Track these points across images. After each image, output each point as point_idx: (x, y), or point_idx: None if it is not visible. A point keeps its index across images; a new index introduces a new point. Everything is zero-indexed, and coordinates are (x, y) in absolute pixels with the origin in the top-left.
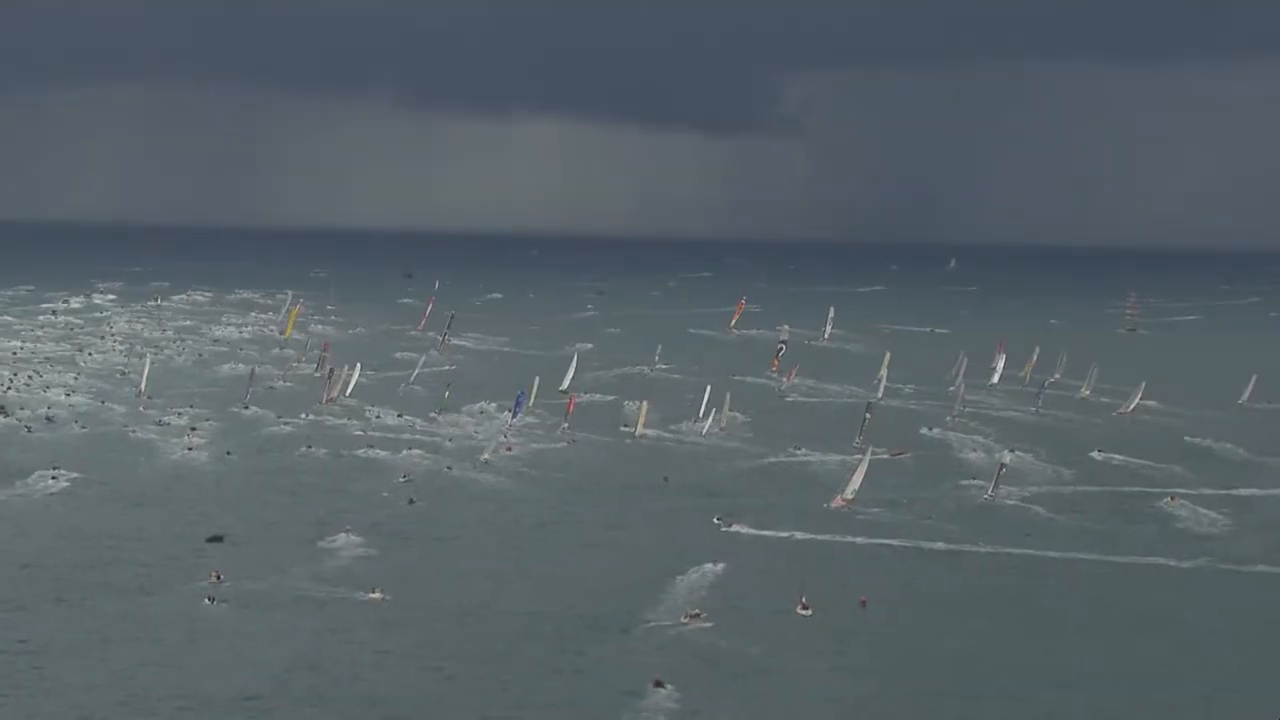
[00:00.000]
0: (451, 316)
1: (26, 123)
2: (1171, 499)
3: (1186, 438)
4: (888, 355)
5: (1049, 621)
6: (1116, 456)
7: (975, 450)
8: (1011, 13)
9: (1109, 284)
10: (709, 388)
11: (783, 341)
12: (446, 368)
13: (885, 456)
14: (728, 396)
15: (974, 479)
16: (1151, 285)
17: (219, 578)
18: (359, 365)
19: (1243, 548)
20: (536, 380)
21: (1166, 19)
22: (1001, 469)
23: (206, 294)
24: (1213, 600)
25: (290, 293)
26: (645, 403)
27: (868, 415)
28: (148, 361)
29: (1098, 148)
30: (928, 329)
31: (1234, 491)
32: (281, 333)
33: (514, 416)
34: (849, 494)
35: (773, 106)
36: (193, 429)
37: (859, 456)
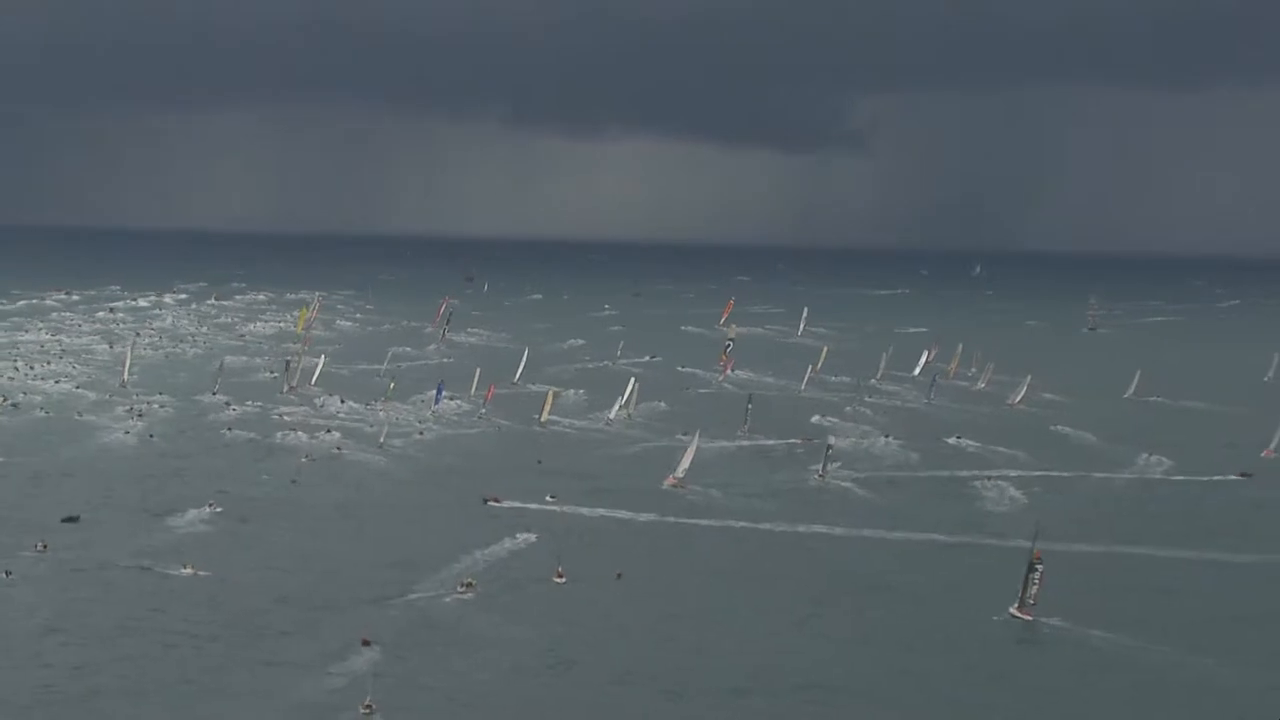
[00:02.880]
0: (450, 314)
1: (166, 141)
2: (985, 480)
3: (1051, 426)
4: (825, 350)
5: (774, 589)
6: (970, 443)
7: (849, 436)
8: (1058, 41)
9: (1109, 288)
10: (633, 380)
11: (730, 340)
12: (437, 361)
13: (799, 443)
14: (635, 387)
15: (821, 462)
16: (1151, 290)
17: (44, 548)
18: (322, 357)
19: (1016, 524)
20: (478, 371)
21: (1200, 46)
22: (829, 450)
23: (268, 294)
24: (940, 571)
25: (317, 294)
26: (552, 392)
27: (750, 405)
28: (129, 353)
29: (1137, 164)
30: (909, 328)
31: (1053, 473)
32: (295, 329)
33: (435, 404)
34: (679, 474)
35: (840, 125)
36: (139, 414)
37: (743, 442)
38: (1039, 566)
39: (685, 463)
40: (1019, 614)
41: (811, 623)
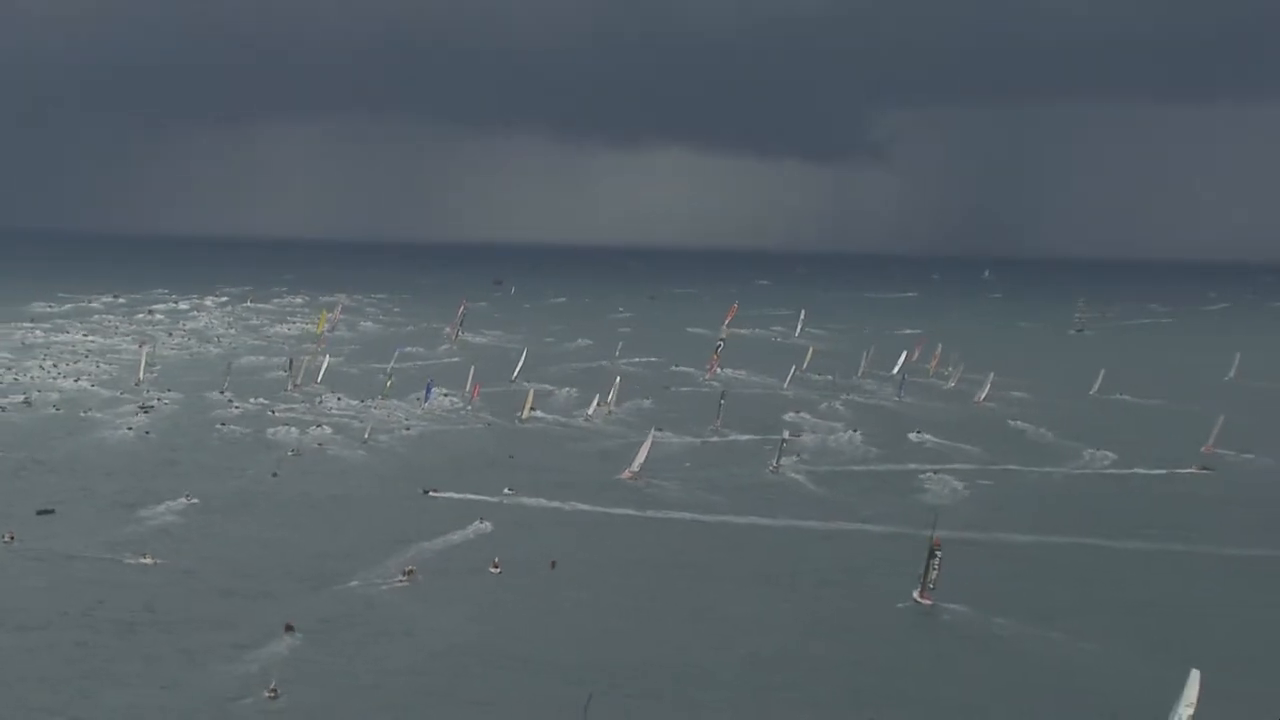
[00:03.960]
0: (463, 315)
1: (232, 152)
2: (931, 474)
3: (1010, 422)
4: (810, 350)
5: (699, 578)
6: (929, 438)
7: (817, 432)
8: (1066, 59)
9: (1111, 291)
10: (618, 378)
11: (721, 340)
12: (445, 360)
13: (765, 439)
14: (619, 384)
15: (775, 456)
16: (1147, 293)
17: (10, 539)
18: (327, 356)
19: (949, 516)
20: (472, 370)
21: (1202, 62)
22: (783, 444)
23: (305, 297)
24: (862, 559)
25: (341, 296)
26: (532, 390)
27: (722, 402)
28: (145, 353)
29: (1143, 173)
30: (905, 330)
31: (999, 467)
32: (315, 328)
33: (425, 401)
34: (635, 468)
35: (865, 138)
36: (146, 411)
37: (713, 438)
38: (938, 554)
39: (641, 457)
40: (920, 599)
41: (725, 610)
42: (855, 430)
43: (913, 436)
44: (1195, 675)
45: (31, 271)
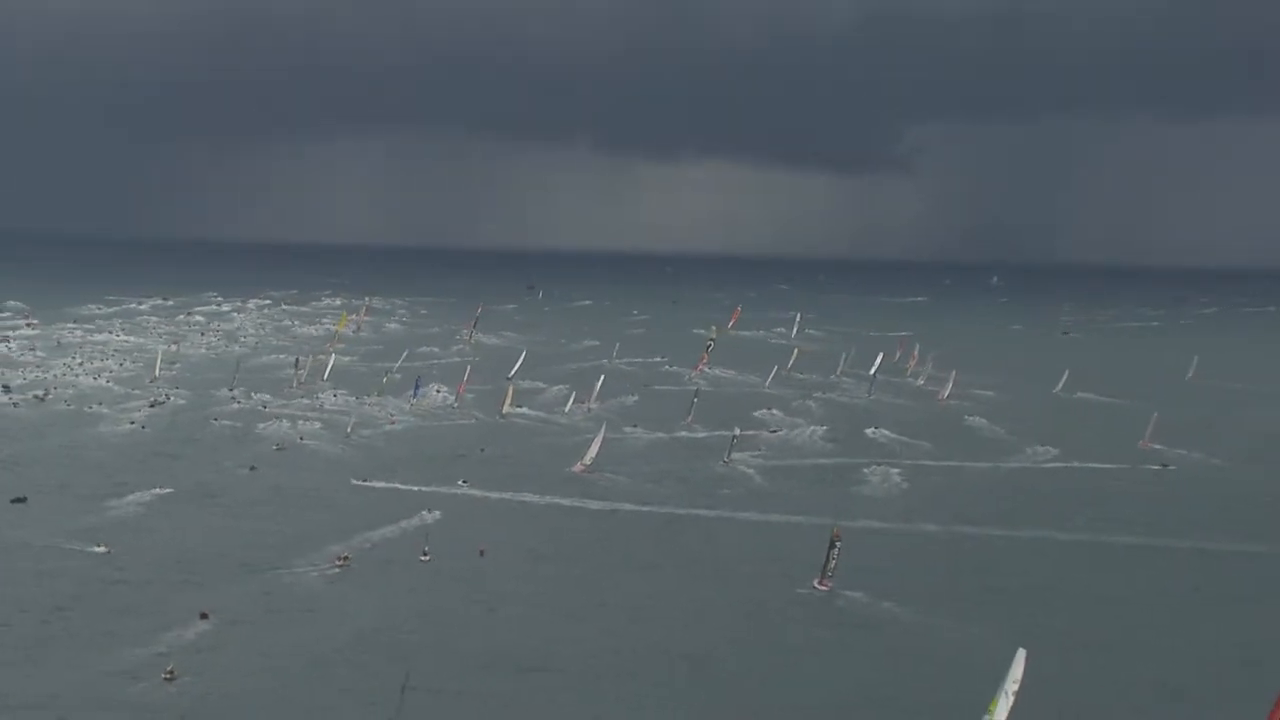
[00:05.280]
0: (477, 316)
1: (295, 166)
2: (876, 467)
3: (966, 418)
4: (795, 351)
5: (622, 567)
6: (886, 433)
7: (783, 428)
8: (1080, 77)
9: (1108, 295)
10: (602, 376)
11: (711, 340)
12: (453, 360)
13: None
14: (600, 381)
15: (732, 451)
16: (1142, 298)
17: None
18: (333, 356)
19: (878, 507)
20: (468, 369)
21: (1206, 82)
22: (734, 440)
23: (343, 299)
24: (782, 549)
25: (367, 298)
26: (511, 387)
27: (695, 399)
28: (159, 350)
29: (1149, 185)
30: (901, 331)
31: (944, 462)
32: (336, 328)
33: (414, 398)
34: (587, 461)
35: (890, 151)
36: (153, 405)
37: (681, 434)
38: (838, 544)
39: (593, 451)
40: (819, 586)
41: (634, 596)
42: (821, 426)
43: (869, 432)
44: (1021, 654)
45: (94, 275)
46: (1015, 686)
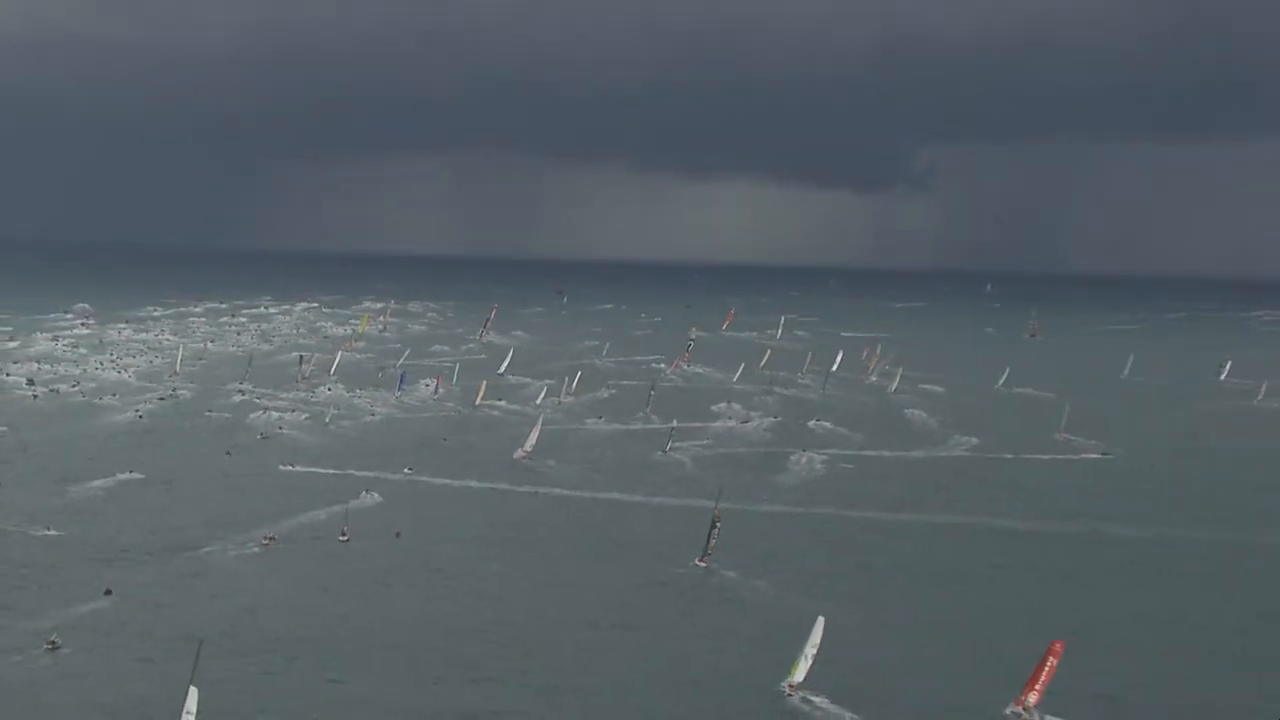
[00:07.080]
0: (490, 316)
1: (366, 182)
2: (802, 455)
3: (905, 411)
4: (768, 352)
5: (530, 548)
6: (825, 424)
7: (732, 419)
8: (1083, 103)
9: (1092, 301)
10: (578, 372)
11: (691, 339)
12: (460, 358)
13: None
14: (577, 376)
15: (671, 441)
16: (1118, 303)
17: None
18: (339, 353)
19: (793, 493)
20: (457, 366)
21: (1199, 108)
22: (673, 431)
23: (380, 303)
24: (683, 530)
25: (391, 300)
26: (484, 382)
27: (652, 392)
28: (180, 348)
29: (1148, 201)
30: (876, 334)
31: (870, 451)
32: (359, 328)
33: (398, 391)
34: (527, 448)
35: (907, 170)
36: (162, 399)
37: (637, 425)
38: (718, 525)
39: (532, 438)
40: (698, 564)
41: (531, 574)
42: (772, 418)
43: (811, 424)
44: (820, 621)
45: (163, 281)
46: (814, 650)
